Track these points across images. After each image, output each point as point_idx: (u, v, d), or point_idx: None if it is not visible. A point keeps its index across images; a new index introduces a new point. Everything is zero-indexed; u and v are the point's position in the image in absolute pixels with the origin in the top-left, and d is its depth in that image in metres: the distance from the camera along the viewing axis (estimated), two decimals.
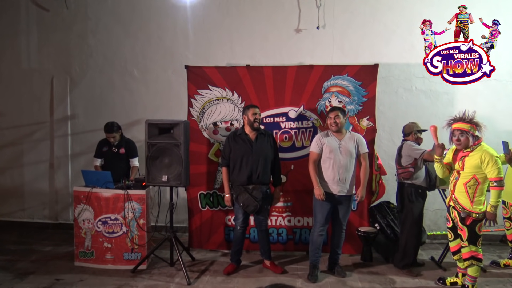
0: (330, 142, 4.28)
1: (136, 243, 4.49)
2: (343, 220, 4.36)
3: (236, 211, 4.47)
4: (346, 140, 4.30)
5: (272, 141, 4.50)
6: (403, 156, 4.38)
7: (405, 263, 4.45)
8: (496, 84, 5.29)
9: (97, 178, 4.56)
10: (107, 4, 5.77)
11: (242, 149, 4.34)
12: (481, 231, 3.79)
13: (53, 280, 4.22)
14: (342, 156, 4.24)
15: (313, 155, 4.33)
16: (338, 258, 4.45)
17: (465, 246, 3.82)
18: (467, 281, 3.88)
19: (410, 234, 4.40)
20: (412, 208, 4.36)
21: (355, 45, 5.46)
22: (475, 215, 3.73)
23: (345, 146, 4.26)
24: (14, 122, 5.99)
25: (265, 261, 4.58)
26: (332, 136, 4.32)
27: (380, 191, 5.01)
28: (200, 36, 5.65)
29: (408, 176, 4.35)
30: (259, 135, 4.40)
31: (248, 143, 4.36)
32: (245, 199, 4.31)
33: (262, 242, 4.53)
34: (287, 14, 5.52)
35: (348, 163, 4.25)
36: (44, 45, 5.89)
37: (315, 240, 4.33)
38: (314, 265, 4.33)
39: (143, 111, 5.65)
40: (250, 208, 4.31)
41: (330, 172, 4.26)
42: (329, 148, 4.26)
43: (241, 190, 4.35)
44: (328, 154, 4.26)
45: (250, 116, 4.35)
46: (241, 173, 4.33)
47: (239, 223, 4.43)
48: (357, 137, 4.36)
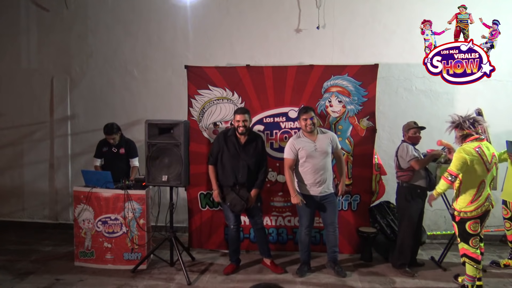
0: (304, 146, 4.28)
1: (136, 243, 4.49)
2: (333, 218, 4.38)
3: (226, 211, 4.49)
4: (320, 140, 4.31)
5: (261, 145, 4.49)
6: (399, 158, 4.39)
7: (401, 262, 4.45)
8: (496, 84, 5.28)
9: (97, 178, 4.56)
10: (107, 4, 5.76)
11: (230, 152, 4.36)
12: (475, 230, 3.77)
13: (53, 280, 4.22)
14: (319, 157, 4.26)
15: (288, 161, 4.34)
16: (337, 256, 4.46)
17: (459, 242, 3.89)
18: (466, 280, 3.89)
19: (406, 234, 4.41)
20: (409, 208, 4.37)
21: (355, 45, 5.46)
22: (457, 212, 3.81)
23: (320, 146, 4.28)
24: (14, 122, 5.98)
25: (265, 259, 4.59)
26: (304, 138, 4.32)
27: (380, 191, 5.01)
28: (200, 36, 5.64)
29: (407, 179, 4.36)
30: (249, 139, 4.40)
31: (236, 146, 4.36)
32: (232, 198, 4.33)
33: (259, 241, 4.56)
34: (287, 14, 5.52)
35: (325, 163, 4.29)
36: (44, 45, 5.89)
37: (302, 240, 4.44)
38: (304, 262, 4.47)
39: (143, 111, 5.65)
40: (238, 208, 4.32)
41: (309, 175, 4.28)
42: (304, 152, 4.27)
43: (228, 190, 4.38)
44: (305, 158, 4.27)
45: (234, 121, 4.37)
46: (228, 175, 4.36)
47: (231, 222, 4.45)
48: (330, 135, 4.39)
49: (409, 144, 4.37)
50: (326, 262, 4.52)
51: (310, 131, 4.28)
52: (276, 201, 4.98)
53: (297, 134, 4.41)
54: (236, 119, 4.35)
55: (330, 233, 4.41)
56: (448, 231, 5.35)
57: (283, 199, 4.95)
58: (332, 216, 4.37)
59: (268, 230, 4.99)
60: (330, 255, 4.46)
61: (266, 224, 4.97)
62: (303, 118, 4.28)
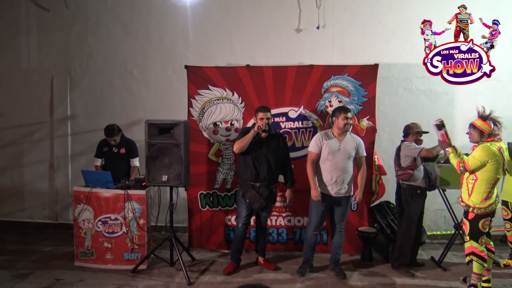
0: (330, 143, 4.28)
1: (136, 243, 4.49)
2: (342, 220, 4.39)
3: (240, 207, 4.47)
4: (346, 141, 4.30)
5: (283, 143, 4.50)
6: (401, 156, 4.38)
7: (400, 262, 4.45)
8: (496, 84, 5.28)
9: (97, 178, 4.56)
10: (107, 4, 5.76)
11: (253, 147, 4.33)
12: (485, 228, 3.80)
13: (53, 280, 4.22)
14: (341, 158, 4.24)
15: (312, 155, 4.34)
16: (339, 258, 4.46)
17: (467, 240, 3.85)
18: (474, 279, 3.89)
19: (406, 235, 4.41)
20: (409, 208, 4.37)
21: (355, 45, 5.46)
22: (471, 209, 3.78)
23: (345, 147, 4.27)
24: (14, 122, 5.99)
25: (259, 258, 4.61)
26: (333, 137, 4.31)
27: (380, 191, 5.01)
28: (200, 36, 5.64)
29: (407, 178, 4.35)
30: (270, 136, 4.40)
31: (258, 142, 4.35)
32: (252, 195, 4.33)
33: (260, 239, 4.58)
34: (287, 14, 5.52)
35: (347, 165, 4.27)
36: (44, 45, 5.89)
37: (309, 239, 4.43)
38: (306, 261, 4.46)
39: (143, 111, 5.65)
40: (256, 205, 4.34)
41: (328, 173, 4.27)
42: (328, 149, 4.26)
43: (248, 186, 4.37)
44: (327, 155, 4.27)
45: (257, 119, 4.35)
46: (250, 170, 4.35)
47: (242, 220, 4.43)
48: (357, 140, 4.38)
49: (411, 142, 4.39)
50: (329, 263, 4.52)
51: (346, 130, 4.28)
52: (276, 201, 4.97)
53: (326, 131, 4.40)
54: (259, 117, 4.31)
55: (337, 233, 4.42)
56: (448, 231, 5.35)
57: (283, 199, 4.94)
58: (342, 218, 4.38)
59: (268, 230, 4.98)
60: (333, 256, 4.46)
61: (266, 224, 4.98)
62: (344, 117, 4.22)
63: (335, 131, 4.32)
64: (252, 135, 4.24)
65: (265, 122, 4.29)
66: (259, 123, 4.29)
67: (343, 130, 4.27)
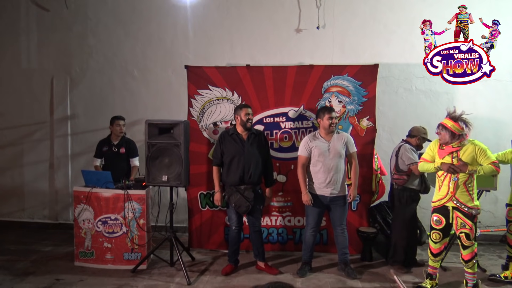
0: (318, 145, 4.28)
1: (136, 243, 4.49)
2: (341, 220, 4.38)
3: (229, 212, 4.47)
4: (334, 141, 4.31)
5: (264, 140, 4.50)
6: (399, 159, 4.38)
7: (395, 259, 4.50)
8: (496, 84, 5.28)
9: (97, 178, 4.56)
10: (107, 4, 5.76)
11: (234, 149, 4.34)
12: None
13: (53, 280, 4.22)
14: (331, 158, 4.25)
15: (302, 158, 4.34)
16: (347, 258, 4.44)
17: (471, 245, 3.77)
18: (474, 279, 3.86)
19: (399, 236, 4.45)
20: (403, 211, 4.41)
21: (355, 45, 5.46)
22: (479, 211, 3.78)
23: (334, 147, 4.27)
24: (14, 122, 5.99)
25: (259, 262, 4.53)
26: (320, 138, 4.32)
27: (380, 191, 5.00)
28: (200, 36, 5.64)
29: (402, 183, 4.39)
30: (251, 134, 4.40)
31: (240, 143, 4.35)
32: (237, 199, 4.30)
33: (255, 243, 4.49)
34: (287, 14, 5.52)
35: (338, 164, 4.27)
36: (44, 45, 5.89)
37: (307, 240, 4.43)
38: (305, 262, 4.46)
39: (143, 111, 5.65)
40: (242, 209, 4.31)
41: (321, 175, 4.27)
42: (318, 151, 4.26)
43: (233, 190, 4.34)
44: (318, 157, 4.27)
45: (243, 116, 4.34)
46: (233, 173, 4.32)
47: (234, 223, 4.44)
48: (345, 137, 4.38)
49: (411, 146, 4.38)
50: (337, 264, 4.51)
51: (333, 131, 4.29)
52: (276, 201, 4.97)
53: (313, 133, 4.40)
54: (245, 112, 4.33)
55: (338, 234, 4.40)
56: None
57: (283, 199, 4.95)
58: (340, 217, 4.37)
59: (268, 230, 4.99)
60: (340, 257, 4.44)
61: (266, 224, 4.98)
62: (329, 117, 4.25)
63: (322, 132, 4.34)
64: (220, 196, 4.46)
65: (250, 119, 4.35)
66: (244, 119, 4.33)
67: (329, 130, 4.28)
